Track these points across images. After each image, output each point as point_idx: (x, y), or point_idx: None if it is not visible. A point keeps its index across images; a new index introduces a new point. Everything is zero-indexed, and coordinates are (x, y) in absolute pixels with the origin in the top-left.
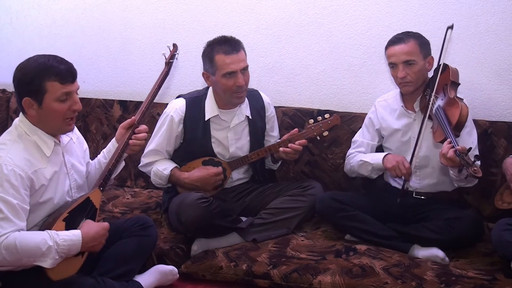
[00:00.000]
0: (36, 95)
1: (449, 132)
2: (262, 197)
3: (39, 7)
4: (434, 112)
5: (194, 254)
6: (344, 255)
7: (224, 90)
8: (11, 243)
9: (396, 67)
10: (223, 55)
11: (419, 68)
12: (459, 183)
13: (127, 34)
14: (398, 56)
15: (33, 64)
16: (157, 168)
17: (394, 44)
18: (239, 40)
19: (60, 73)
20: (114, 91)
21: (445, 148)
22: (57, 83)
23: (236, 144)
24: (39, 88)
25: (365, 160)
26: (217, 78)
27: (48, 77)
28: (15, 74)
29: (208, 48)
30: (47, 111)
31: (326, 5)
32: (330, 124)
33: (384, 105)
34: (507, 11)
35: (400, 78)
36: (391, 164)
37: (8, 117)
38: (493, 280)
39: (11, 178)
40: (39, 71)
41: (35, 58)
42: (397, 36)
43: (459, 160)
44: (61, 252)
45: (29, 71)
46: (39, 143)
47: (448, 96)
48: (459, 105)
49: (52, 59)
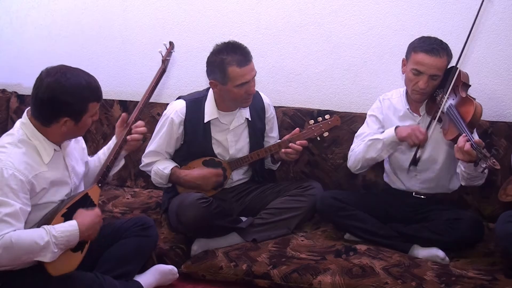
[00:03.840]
0: (76, 115)
1: (464, 127)
2: (262, 197)
3: (39, 7)
4: (446, 111)
5: (194, 254)
6: (344, 255)
7: (234, 99)
8: (8, 241)
9: (420, 75)
10: (237, 68)
11: (439, 82)
12: (469, 182)
13: (127, 34)
14: (429, 68)
15: (76, 86)
16: (158, 167)
17: (428, 54)
18: (246, 47)
19: (99, 93)
20: (114, 91)
21: (461, 141)
22: (96, 103)
23: (236, 146)
24: (82, 109)
25: (374, 138)
26: (229, 88)
27: (92, 99)
28: (52, 95)
29: (217, 58)
30: (80, 127)
31: (326, 5)
32: (330, 124)
33: (388, 104)
34: (507, 11)
35: (420, 88)
36: (406, 132)
37: (8, 117)
38: (493, 280)
39: (11, 182)
40: (85, 94)
41: (71, 78)
42: (433, 45)
43: (475, 153)
44: (59, 244)
45: (75, 93)
46: (39, 149)
47: (460, 96)
48: (473, 103)
49: (90, 79)
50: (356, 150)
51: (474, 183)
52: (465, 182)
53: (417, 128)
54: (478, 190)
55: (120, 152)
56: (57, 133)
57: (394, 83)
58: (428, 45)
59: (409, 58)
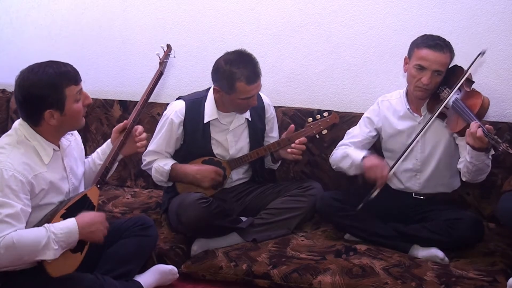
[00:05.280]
0: (57, 105)
1: (473, 116)
2: (262, 197)
3: (39, 7)
4: (452, 104)
5: (194, 254)
6: (344, 255)
7: (235, 106)
8: (9, 242)
9: (424, 71)
10: (245, 85)
11: (441, 79)
12: (472, 176)
13: (127, 34)
14: (432, 63)
15: (45, 77)
16: (158, 164)
17: (432, 49)
18: (257, 62)
19: (73, 76)
20: (114, 91)
21: (473, 127)
22: (73, 86)
23: (236, 146)
24: (60, 97)
25: (348, 153)
26: (233, 98)
27: (66, 83)
28: (26, 92)
29: (227, 69)
30: (69, 115)
31: (326, 5)
32: (329, 122)
33: (387, 105)
34: (507, 11)
35: (423, 84)
36: (370, 163)
37: (8, 117)
38: (493, 281)
39: (11, 184)
40: (56, 81)
41: (39, 70)
42: (437, 41)
43: (487, 140)
44: (60, 241)
45: (45, 84)
46: (38, 149)
47: (466, 91)
48: (481, 95)
49: (59, 66)
50: (337, 152)
51: (477, 178)
52: (468, 176)
53: (382, 165)
54: (478, 190)
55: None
56: (51, 130)
57: (394, 83)
58: (432, 41)
59: (412, 55)
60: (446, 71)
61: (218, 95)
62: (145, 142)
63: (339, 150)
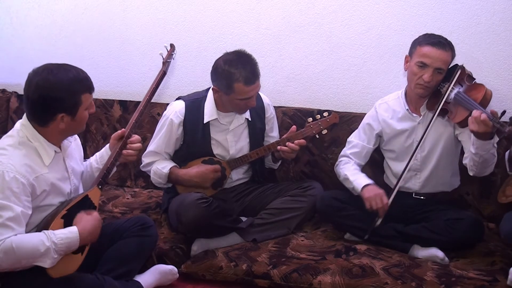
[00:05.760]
0: (71, 109)
1: (476, 104)
2: (262, 197)
3: (39, 7)
4: (453, 97)
5: (194, 254)
6: (344, 255)
7: (233, 106)
8: (9, 246)
9: (426, 68)
10: (243, 86)
11: (442, 78)
12: (479, 168)
13: (127, 34)
14: (435, 61)
15: (66, 80)
16: (157, 167)
17: (435, 47)
18: (256, 62)
19: (90, 84)
20: (114, 91)
21: (476, 112)
22: (88, 94)
23: (236, 146)
24: (76, 102)
25: (349, 178)
26: (231, 98)
27: (83, 90)
28: (44, 93)
29: (225, 69)
30: (78, 121)
31: (326, 5)
32: (329, 122)
33: (385, 107)
34: (507, 11)
35: (425, 81)
36: (369, 194)
37: (8, 117)
38: (493, 281)
39: (13, 186)
40: (75, 86)
41: (59, 73)
42: (439, 39)
43: (492, 124)
44: (59, 251)
45: (65, 87)
46: (39, 150)
47: (467, 84)
48: (483, 86)
49: (77, 71)
50: (340, 167)
51: (485, 170)
52: (475, 169)
53: (380, 195)
54: (478, 190)
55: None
56: (57, 132)
57: (394, 83)
58: (434, 39)
59: (413, 53)
60: (447, 71)
61: (217, 95)
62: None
63: (340, 166)
